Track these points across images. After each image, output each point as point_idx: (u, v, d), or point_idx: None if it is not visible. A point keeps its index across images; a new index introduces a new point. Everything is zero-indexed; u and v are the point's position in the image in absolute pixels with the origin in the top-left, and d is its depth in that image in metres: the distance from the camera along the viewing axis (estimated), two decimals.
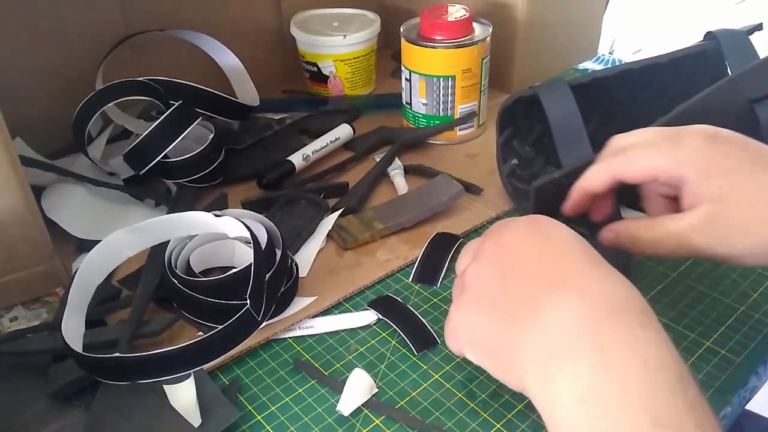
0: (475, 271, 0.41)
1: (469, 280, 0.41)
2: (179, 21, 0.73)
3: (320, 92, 0.83)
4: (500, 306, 0.39)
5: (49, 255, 0.54)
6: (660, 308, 0.52)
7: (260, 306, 0.49)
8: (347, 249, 0.59)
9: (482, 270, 0.41)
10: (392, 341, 0.51)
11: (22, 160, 0.52)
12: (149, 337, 0.49)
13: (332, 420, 0.45)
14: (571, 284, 0.37)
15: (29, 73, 0.66)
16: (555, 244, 0.40)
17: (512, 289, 0.39)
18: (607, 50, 1.98)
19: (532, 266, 0.39)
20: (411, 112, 0.74)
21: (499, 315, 0.39)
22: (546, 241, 0.40)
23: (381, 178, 0.68)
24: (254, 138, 0.72)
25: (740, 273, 0.55)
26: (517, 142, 0.65)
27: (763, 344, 0.49)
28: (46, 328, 0.50)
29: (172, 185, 0.65)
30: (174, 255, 0.53)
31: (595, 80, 0.62)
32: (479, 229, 0.61)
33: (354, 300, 0.54)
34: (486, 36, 0.69)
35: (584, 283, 0.37)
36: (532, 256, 0.39)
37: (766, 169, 0.42)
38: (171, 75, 0.65)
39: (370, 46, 0.80)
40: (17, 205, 0.50)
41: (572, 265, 0.38)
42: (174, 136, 0.61)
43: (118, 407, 0.44)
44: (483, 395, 0.46)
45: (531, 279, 0.38)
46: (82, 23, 0.68)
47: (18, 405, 0.45)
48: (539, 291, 0.38)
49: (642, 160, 0.45)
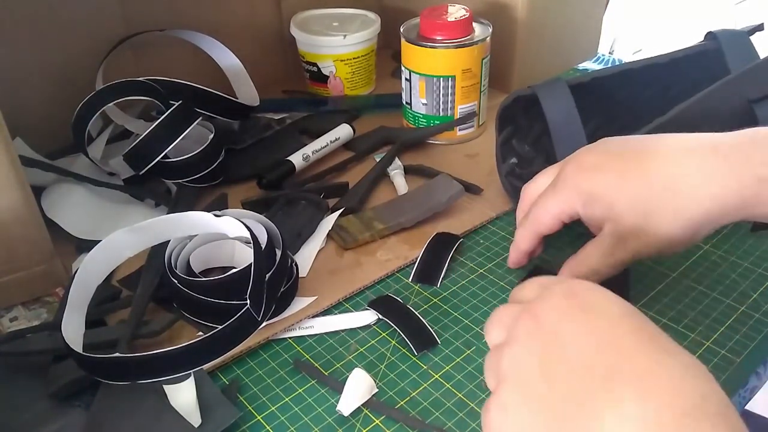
0: (512, 359, 0.35)
1: (507, 369, 0.35)
2: (179, 21, 0.73)
3: (320, 92, 0.83)
4: (549, 408, 0.33)
5: (49, 255, 0.54)
6: (660, 308, 0.52)
7: (260, 306, 0.49)
8: (347, 249, 0.59)
9: (521, 358, 0.34)
10: (392, 341, 0.51)
11: (22, 160, 0.52)
12: (149, 337, 0.49)
13: (332, 420, 0.45)
14: (630, 378, 0.31)
15: (29, 73, 0.66)
16: (603, 322, 0.33)
17: (560, 386, 0.32)
18: (607, 50, 1.98)
19: (580, 354, 0.33)
20: (411, 112, 0.74)
21: (551, 420, 0.32)
22: (592, 319, 0.34)
23: (381, 178, 0.68)
24: (254, 138, 0.72)
25: (740, 273, 0.55)
26: (516, 141, 0.65)
27: (763, 344, 0.49)
28: (46, 328, 0.50)
29: (172, 185, 0.65)
30: (174, 255, 0.53)
31: (595, 80, 0.62)
32: (479, 229, 0.61)
33: (354, 300, 0.54)
34: (486, 36, 0.69)
35: (646, 377, 0.31)
36: (578, 341, 0.33)
37: (635, 166, 0.45)
38: (171, 75, 0.65)
39: (370, 46, 0.80)
40: (17, 205, 0.50)
41: (628, 349, 0.32)
42: (174, 136, 0.61)
43: (118, 407, 0.44)
44: (483, 395, 0.46)
45: (580, 372, 0.32)
46: (82, 23, 0.68)
47: (18, 405, 0.45)
48: (592, 388, 0.31)
49: (545, 214, 0.49)
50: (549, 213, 0.49)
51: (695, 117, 0.49)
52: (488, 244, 0.59)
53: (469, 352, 0.49)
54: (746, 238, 0.59)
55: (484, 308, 0.53)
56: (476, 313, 0.52)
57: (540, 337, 0.34)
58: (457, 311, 0.53)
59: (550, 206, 0.49)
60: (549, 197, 0.49)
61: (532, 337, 0.34)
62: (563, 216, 0.49)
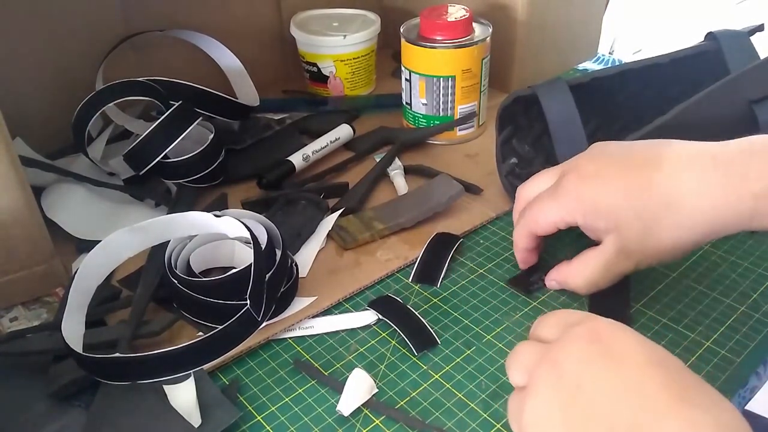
0: (533, 412, 0.33)
1: (528, 423, 0.33)
2: (179, 21, 0.73)
3: (320, 92, 0.83)
4: None
5: (49, 255, 0.54)
6: (660, 308, 0.52)
7: (260, 306, 0.49)
8: (347, 249, 0.59)
9: (542, 413, 0.33)
10: (392, 341, 0.51)
11: (22, 160, 0.52)
12: (149, 337, 0.49)
13: (332, 420, 0.45)
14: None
15: (29, 73, 0.66)
16: (629, 372, 0.31)
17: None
18: (607, 50, 1.98)
19: (604, 410, 0.30)
20: (411, 112, 0.74)
21: None
22: (616, 368, 0.31)
23: (381, 178, 0.68)
24: (254, 138, 0.72)
25: (740, 273, 0.55)
26: (516, 141, 0.65)
27: (763, 344, 0.49)
28: (46, 328, 0.50)
29: (172, 185, 0.65)
30: (174, 255, 0.53)
31: (595, 80, 0.62)
32: (479, 229, 0.61)
33: (354, 300, 0.54)
34: (486, 36, 0.69)
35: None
36: (601, 396, 0.31)
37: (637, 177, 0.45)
38: (171, 75, 0.65)
39: (370, 46, 0.80)
40: (17, 205, 0.50)
41: (656, 408, 0.29)
42: (174, 136, 0.61)
43: (118, 407, 0.44)
44: (483, 395, 0.46)
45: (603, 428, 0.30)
46: (82, 23, 0.68)
47: (18, 405, 0.45)
48: None
49: (541, 216, 0.49)
50: (547, 219, 0.49)
51: (695, 117, 0.49)
52: (488, 244, 0.59)
53: (469, 352, 0.49)
54: (746, 238, 0.59)
55: (484, 308, 0.53)
56: (476, 313, 0.52)
57: (562, 389, 0.32)
58: (457, 311, 0.53)
59: (548, 212, 0.49)
60: (548, 203, 0.49)
61: (554, 389, 0.32)
62: (561, 224, 0.49)
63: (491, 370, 0.48)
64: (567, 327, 0.34)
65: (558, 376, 0.32)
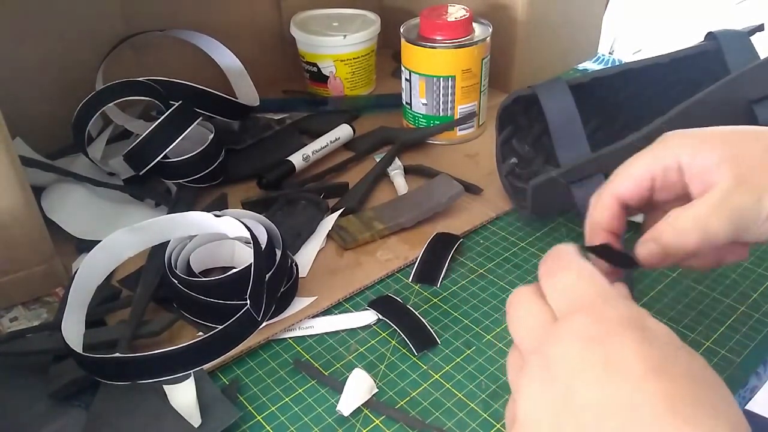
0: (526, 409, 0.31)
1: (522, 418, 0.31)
2: (179, 21, 0.73)
3: (320, 92, 0.83)
4: None
5: (49, 255, 0.54)
6: (660, 308, 0.52)
7: (260, 306, 0.49)
8: (347, 249, 0.59)
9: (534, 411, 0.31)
10: (392, 341, 0.51)
11: (22, 160, 0.52)
12: (149, 337, 0.49)
13: (332, 420, 0.45)
14: None
15: (29, 73, 0.67)
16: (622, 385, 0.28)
17: None
18: (607, 50, 1.98)
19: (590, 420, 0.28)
20: (411, 112, 0.74)
21: None
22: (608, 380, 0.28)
23: (381, 178, 0.68)
24: (254, 138, 0.72)
25: (740, 273, 0.55)
26: (516, 141, 0.65)
27: (763, 344, 0.49)
28: (46, 328, 0.50)
29: (172, 185, 0.65)
30: (174, 255, 0.53)
31: (595, 80, 0.62)
32: (479, 229, 0.61)
33: (354, 300, 0.54)
34: (486, 36, 0.69)
35: None
36: (590, 405, 0.28)
37: None
38: (171, 75, 0.65)
39: (370, 46, 0.80)
40: (17, 205, 0.50)
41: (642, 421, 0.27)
42: (174, 136, 0.61)
43: (118, 407, 0.44)
44: (483, 395, 0.46)
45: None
46: (82, 23, 0.68)
47: (18, 405, 0.45)
48: None
49: (631, 168, 0.41)
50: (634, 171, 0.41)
51: (695, 117, 0.49)
52: (488, 244, 0.59)
53: (469, 352, 0.49)
54: None
55: (484, 308, 0.53)
56: (476, 313, 0.52)
57: (552, 392, 0.30)
58: (457, 311, 0.53)
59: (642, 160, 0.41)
60: (638, 154, 0.41)
61: (544, 391, 0.30)
62: (656, 170, 0.40)
63: (491, 370, 0.48)
64: (574, 301, 0.32)
65: (549, 379, 0.30)
